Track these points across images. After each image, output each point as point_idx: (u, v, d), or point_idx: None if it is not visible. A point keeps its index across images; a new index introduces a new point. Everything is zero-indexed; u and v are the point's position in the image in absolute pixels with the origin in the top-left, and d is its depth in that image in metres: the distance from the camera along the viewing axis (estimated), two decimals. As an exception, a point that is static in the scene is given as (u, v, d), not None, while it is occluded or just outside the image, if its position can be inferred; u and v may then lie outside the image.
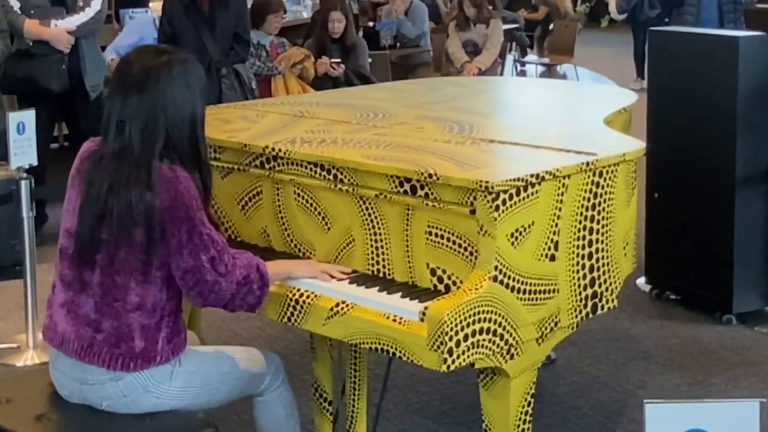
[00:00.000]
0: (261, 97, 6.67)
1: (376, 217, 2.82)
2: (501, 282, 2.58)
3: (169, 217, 2.62)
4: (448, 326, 2.45)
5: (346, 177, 2.85)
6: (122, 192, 2.63)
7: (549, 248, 2.70)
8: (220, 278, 2.67)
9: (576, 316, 2.80)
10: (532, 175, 2.63)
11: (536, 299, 2.67)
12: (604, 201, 2.83)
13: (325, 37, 7.64)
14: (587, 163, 2.77)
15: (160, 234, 2.62)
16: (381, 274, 2.82)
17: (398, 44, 9.71)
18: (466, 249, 2.64)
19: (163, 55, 2.74)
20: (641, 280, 5.28)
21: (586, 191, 2.78)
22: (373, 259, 2.84)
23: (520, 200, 2.61)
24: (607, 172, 2.83)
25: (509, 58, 12.23)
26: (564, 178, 2.71)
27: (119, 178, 2.65)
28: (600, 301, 2.86)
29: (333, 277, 2.82)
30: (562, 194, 2.71)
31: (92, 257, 2.69)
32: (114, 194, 2.64)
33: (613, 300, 2.91)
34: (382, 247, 2.82)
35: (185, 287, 2.69)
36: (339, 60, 7.51)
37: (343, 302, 2.69)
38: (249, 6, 7.12)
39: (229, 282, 2.69)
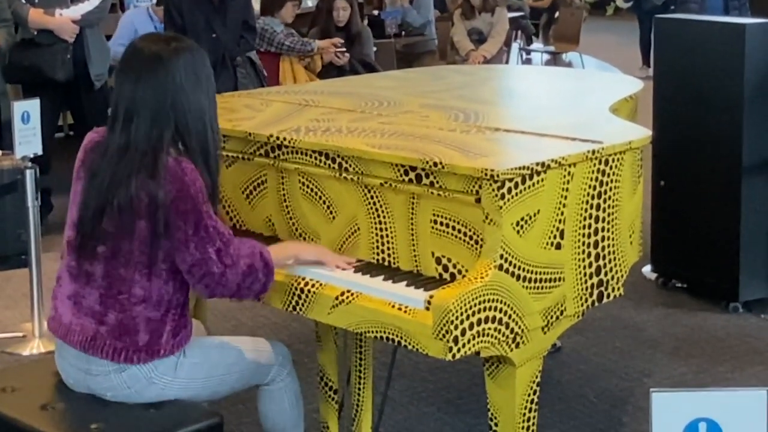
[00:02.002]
0: (269, 84, 6.67)
1: (381, 206, 2.81)
2: (506, 270, 2.57)
3: (174, 210, 2.59)
4: (453, 315, 2.44)
5: (351, 165, 2.84)
6: (125, 183, 2.61)
7: (555, 237, 2.69)
8: (227, 270, 2.66)
9: (582, 305, 2.79)
10: (537, 164, 2.62)
11: (542, 288, 2.66)
12: (610, 189, 2.82)
13: (330, 25, 7.63)
14: (593, 152, 2.76)
15: (165, 227, 2.60)
16: (386, 263, 2.82)
17: (403, 33, 9.70)
18: (471, 237, 2.64)
19: (172, 43, 2.73)
20: (647, 269, 5.28)
21: (591, 179, 2.77)
22: (378, 247, 2.84)
23: (525, 188, 2.60)
24: (613, 161, 2.82)
25: (515, 47, 12.22)
26: (570, 166, 2.70)
27: (123, 169, 2.63)
28: (606, 289, 2.86)
29: (338, 267, 2.82)
30: (568, 182, 2.70)
31: (93, 248, 2.68)
32: (117, 185, 2.62)
33: (619, 288, 2.90)
34: (387, 235, 2.81)
35: (192, 280, 2.68)
36: (344, 49, 7.50)
37: (348, 291, 2.69)
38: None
39: (235, 273, 2.67)
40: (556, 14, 13.73)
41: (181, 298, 2.73)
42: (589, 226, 2.78)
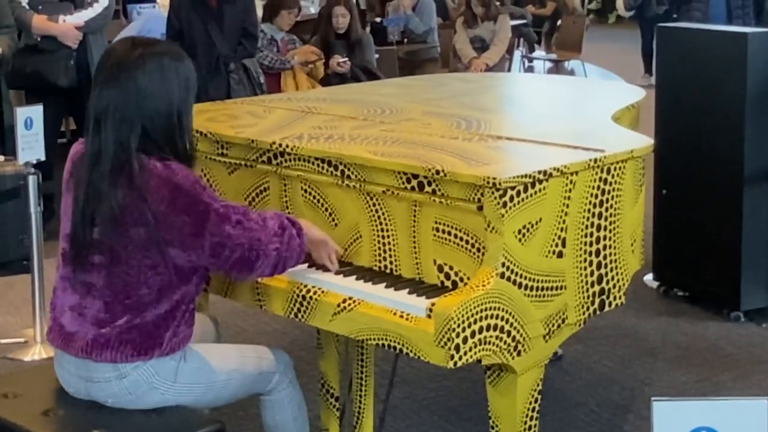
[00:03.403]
0: (270, 93, 6.67)
1: (383, 213, 2.82)
2: (508, 278, 2.57)
3: (174, 212, 2.59)
4: (455, 322, 2.45)
5: (353, 173, 2.85)
6: (104, 192, 2.62)
7: (556, 245, 2.69)
8: (257, 234, 2.65)
9: (583, 313, 2.79)
10: (539, 172, 2.63)
11: (543, 296, 2.66)
12: (612, 198, 2.83)
13: (330, 32, 7.64)
14: (595, 160, 2.76)
15: (167, 231, 2.60)
16: (388, 270, 2.82)
17: (406, 40, 9.72)
18: (473, 245, 2.64)
19: (137, 49, 2.71)
20: (649, 277, 5.28)
21: (593, 188, 2.77)
22: (380, 255, 2.84)
23: (527, 197, 2.60)
24: (615, 169, 2.82)
25: (517, 54, 12.23)
26: (572, 174, 2.70)
27: (99, 178, 2.63)
28: (607, 297, 2.86)
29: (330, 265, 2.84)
30: (570, 191, 2.71)
31: (88, 258, 2.67)
32: (96, 195, 2.63)
33: (620, 297, 2.91)
34: (389, 243, 2.81)
35: (226, 265, 2.65)
36: (346, 59, 7.51)
37: (350, 298, 2.69)
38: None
39: (268, 234, 2.66)
40: (559, 22, 13.74)
41: (182, 296, 2.72)
42: (591, 235, 2.78)
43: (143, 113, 2.66)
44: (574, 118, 3.60)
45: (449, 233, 2.68)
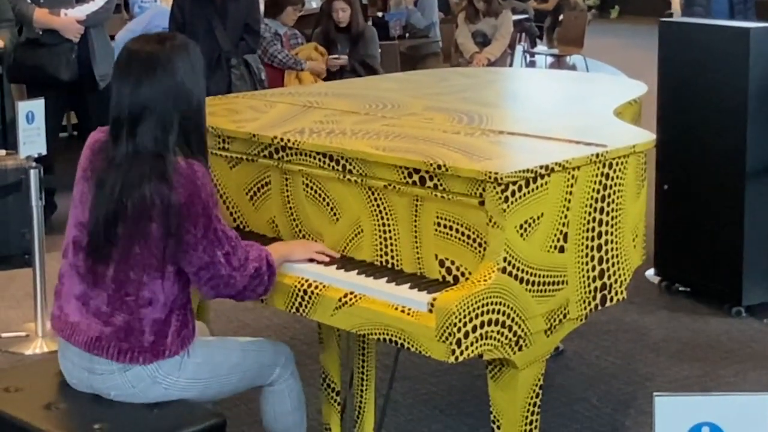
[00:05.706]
0: (274, 86, 6.67)
1: (384, 208, 2.81)
2: (510, 273, 2.57)
3: (186, 213, 2.60)
4: (456, 317, 2.45)
5: (354, 168, 2.84)
6: (137, 189, 2.61)
7: (558, 240, 2.69)
8: (235, 272, 2.69)
9: (585, 308, 2.79)
10: (541, 167, 2.62)
11: (545, 291, 2.66)
12: (614, 193, 2.82)
13: (331, 27, 7.63)
14: (597, 155, 2.76)
15: (176, 229, 2.61)
16: (389, 265, 2.82)
17: (407, 34, 9.71)
18: (474, 240, 2.64)
19: (166, 42, 2.71)
20: (650, 272, 5.28)
21: (595, 183, 2.77)
22: (381, 249, 2.84)
23: (529, 192, 2.60)
24: (617, 164, 2.82)
25: (519, 49, 12.20)
26: (573, 169, 2.70)
27: (133, 177, 2.62)
28: (609, 292, 2.86)
29: (329, 257, 2.85)
30: (572, 186, 2.70)
31: (107, 253, 2.67)
32: (128, 192, 2.62)
33: (622, 292, 2.90)
34: (390, 238, 2.81)
35: (199, 282, 2.69)
36: (337, 56, 7.50)
37: (352, 293, 2.69)
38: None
39: (244, 275, 2.70)
40: (561, 17, 13.73)
41: (184, 298, 2.74)
42: (593, 230, 2.78)
43: (180, 108, 2.67)
44: (576, 113, 3.59)
45: (451, 228, 2.68)
